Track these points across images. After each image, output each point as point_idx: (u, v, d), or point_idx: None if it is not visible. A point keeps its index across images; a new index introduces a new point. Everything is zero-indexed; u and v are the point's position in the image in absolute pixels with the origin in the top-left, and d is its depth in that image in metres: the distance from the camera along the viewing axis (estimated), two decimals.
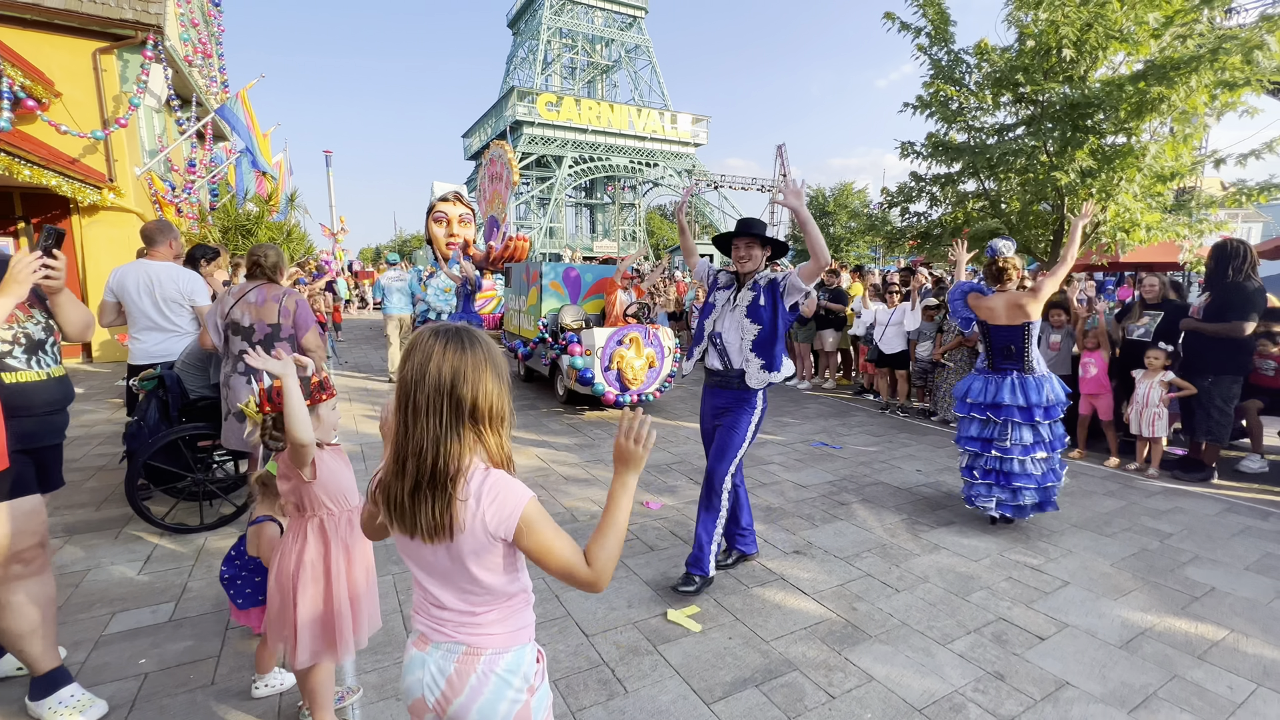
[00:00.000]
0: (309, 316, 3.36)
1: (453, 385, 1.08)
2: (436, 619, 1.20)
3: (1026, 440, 3.71)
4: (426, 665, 1.19)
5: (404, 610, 2.78)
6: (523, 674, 1.20)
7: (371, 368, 9.65)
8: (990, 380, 3.88)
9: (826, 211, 37.68)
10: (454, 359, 1.09)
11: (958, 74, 6.72)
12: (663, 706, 2.19)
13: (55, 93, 8.33)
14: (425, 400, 1.08)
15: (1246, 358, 4.72)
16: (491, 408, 1.13)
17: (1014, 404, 3.73)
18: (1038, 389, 3.72)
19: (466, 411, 1.10)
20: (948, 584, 3.12)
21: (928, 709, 2.20)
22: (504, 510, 1.11)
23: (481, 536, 1.11)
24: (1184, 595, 3.04)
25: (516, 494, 1.13)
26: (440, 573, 1.17)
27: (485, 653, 1.17)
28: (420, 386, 1.08)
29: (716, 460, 3.06)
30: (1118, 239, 6.28)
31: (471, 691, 1.16)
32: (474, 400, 1.10)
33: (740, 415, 3.05)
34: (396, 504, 1.12)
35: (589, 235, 55.15)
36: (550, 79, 49.36)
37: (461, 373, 1.09)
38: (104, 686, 2.21)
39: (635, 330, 6.55)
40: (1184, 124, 5.75)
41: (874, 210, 9.55)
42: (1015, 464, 3.71)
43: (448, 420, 1.09)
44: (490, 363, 1.13)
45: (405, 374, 1.10)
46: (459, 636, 1.18)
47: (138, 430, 3.51)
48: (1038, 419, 3.71)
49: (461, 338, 1.11)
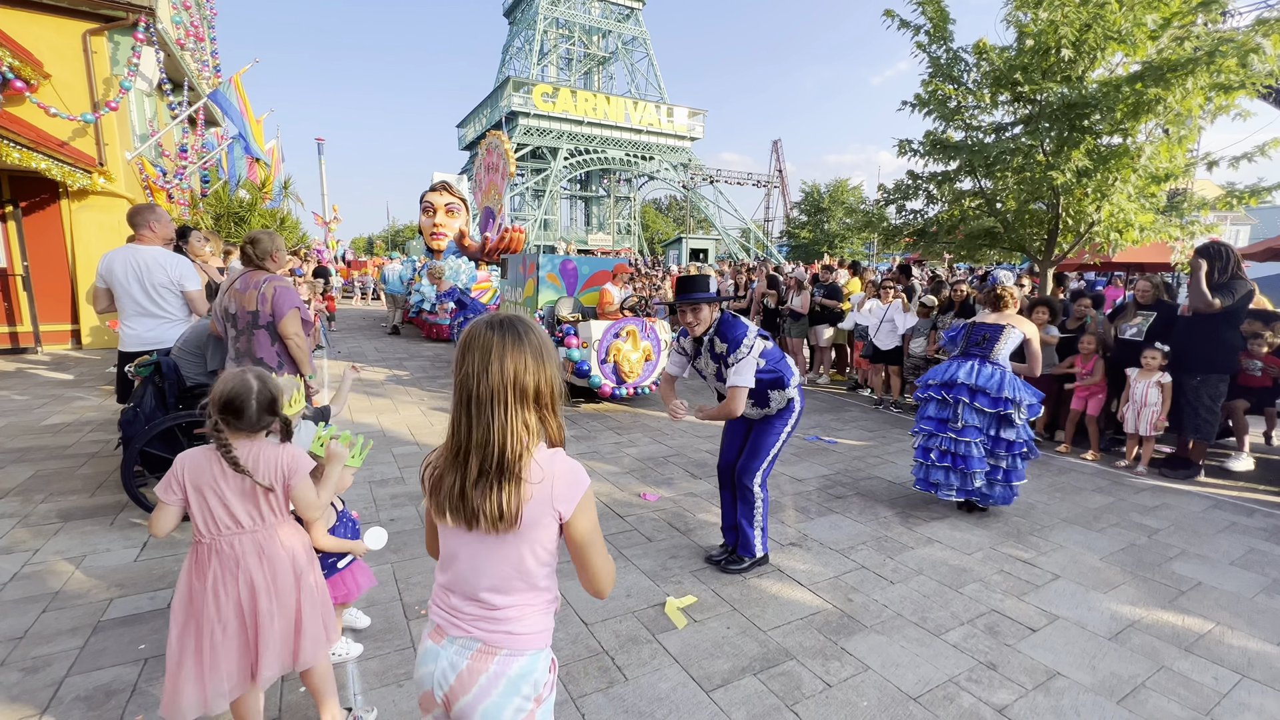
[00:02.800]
0: (287, 301, 3.19)
1: (515, 376, 1.10)
2: (457, 612, 1.19)
3: (973, 422, 3.78)
4: (439, 659, 1.18)
5: (404, 598, 2.79)
6: (534, 681, 1.18)
7: (365, 357, 9.60)
8: (953, 361, 3.99)
9: (822, 208, 37.75)
10: (514, 351, 1.11)
11: (956, 72, 6.74)
12: (662, 693, 2.22)
13: (44, 74, 8.18)
14: (490, 394, 1.10)
15: (1233, 357, 4.81)
16: (552, 392, 1.16)
17: (965, 383, 3.81)
18: (989, 376, 3.78)
19: (531, 400, 1.13)
20: (941, 576, 3.17)
21: (922, 697, 2.24)
22: (573, 487, 1.16)
23: (546, 510, 1.14)
24: (1171, 589, 3.10)
25: (583, 474, 1.19)
26: (482, 558, 1.16)
27: (500, 652, 1.16)
28: (483, 381, 1.10)
29: (749, 458, 3.10)
30: (1110, 239, 6.35)
31: (479, 691, 1.14)
32: (536, 388, 1.13)
33: (776, 419, 3.09)
34: (457, 496, 1.13)
35: (584, 228, 54.96)
36: (546, 70, 48.98)
37: (524, 363, 1.11)
38: (104, 671, 2.21)
39: (632, 323, 6.56)
40: (1179, 126, 5.80)
41: (870, 207, 9.57)
42: (973, 447, 3.77)
43: (513, 410, 1.11)
44: (545, 348, 1.15)
45: (466, 369, 1.11)
46: (476, 632, 1.17)
47: (134, 417, 3.48)
48: (979, 405, 3.76)
49: (516, 328, 1.13)
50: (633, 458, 5.01)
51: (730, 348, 2.83)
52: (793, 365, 3.08)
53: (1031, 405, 3.78)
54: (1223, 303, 4.60)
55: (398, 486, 4.18)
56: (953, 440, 3.83)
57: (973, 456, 3.77)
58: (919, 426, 4.03)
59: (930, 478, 3.95)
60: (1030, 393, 3.80)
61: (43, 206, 8.58)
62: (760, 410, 3.08)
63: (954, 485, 3.85)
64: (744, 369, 2.81)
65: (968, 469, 3.77)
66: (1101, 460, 5.27)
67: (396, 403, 6.54)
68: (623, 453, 5.14)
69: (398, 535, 3.41)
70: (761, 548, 3.17)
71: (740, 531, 3.15)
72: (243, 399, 1.65)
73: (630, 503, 4.04)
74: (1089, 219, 6.31)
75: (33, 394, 6.31)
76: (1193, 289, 4.74)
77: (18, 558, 3.03)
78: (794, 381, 3.04)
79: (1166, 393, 4.84)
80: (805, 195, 39.88)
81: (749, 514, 3.12)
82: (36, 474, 4.15)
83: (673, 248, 38.99)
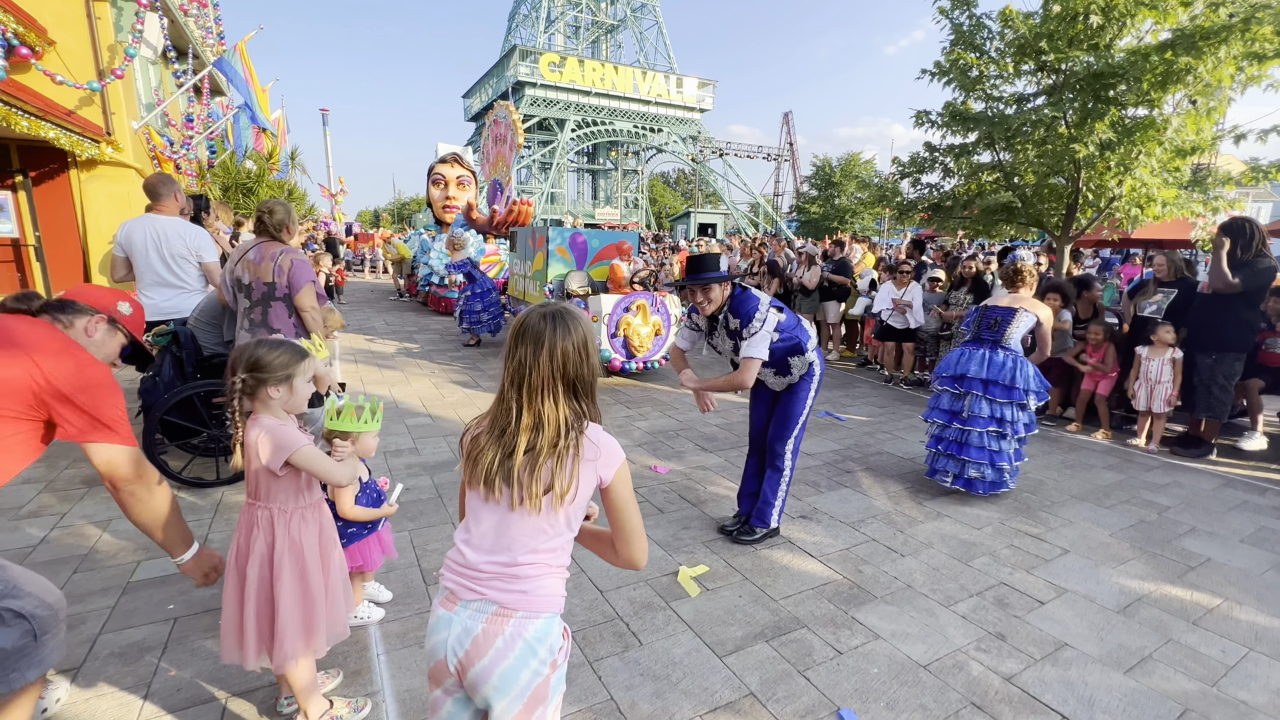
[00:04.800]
0: (303, 275, 3.21)
1: (565, 366, 1.20)
2: (474, 573, 1.19)
3: (984, 413, 3.78)
4: (452, 625, 1.18)
5: (422, 564, 2.85)
6: (549, 645, 1.19)
7: (375, 330, 9.64)
8: (965, 351, 3.96)
9: (833, 182, 37.10)
10: (564, 343, 1.20)
11: (979, 40, 6.53)
12: (677, 658, 2.27)
13: (48, 41, 8.07)
14: (542, 382, 1.19)
15: (1251, 336, 4.75)
16: (593, 379, 1.26)
17: (977, 376, 3.81)
18: (1000, 366, 3.76)
19: (574, 386, 1.23)
20: (950, 550, 3.20)
21: (932, 665, 2.28)
22: (615, 455, 1.25)
23: (591, 479, 1.23)
24: (1180, 565, 3.12)
25: (618, 446, 1.28)
26: (511, 522, 1.20)
27: (516, 614, 1.17)
28: (536, 369, 1.19)
29: (779, 428, 3.12)
30: (1131, 215, 6.21)
31: (496, 654, 1.15)
32: (579, 375, 1.23)
33: (799, 386, 3.10)
34: (498, 470, 1.19)
35: (590, 202, 54.40)
36: (553, 38, 47.95)
37: (573, 355, 1.21)
38: (136, 629, 2.28)
39: (642, 297, 6.53)
40: (1207, 97, 5.62)
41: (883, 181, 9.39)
42: (974, 436, 3.78)
43: (563, 397, 1.21)
44: (590, 340, 1.25)
45: (520, 356, 1.20)
46: (492, 594, 1.18)
47: (153, 386, 3.53)
48: (994, 396, 3.76)
49: (567, 322, 1.22)
50: (643, 431, 5.05)
51: (743, 322, 2.83)
52: (809, 327, 3.07)
53: (1039, 394, 3.78)
54: (1243, 282, 4.53)
55: (412, 457, 4.24)
56: (959, 430, 3.85)
57: (972, 446, 3.78)
58: (931, 416, 4.03)
59: (935, 464, 3.98)
60: (1040, 382, 3.79)
61: (52, 177, 8.55)
62: (784, 379, 3.08)
63: (950, 472, 3.86)
64: (757, 342, 2.81)
65: (967, 458, 3.78)
66: (1112, 439, 5.26)
67: (408, 374, 6.59)
68: (633, 426, 5.17)
69: (413, 504, 3.47)
70: (776, 519, 3.21)
71: (761, 498, 3.19)
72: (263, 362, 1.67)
73: (641, 475, 4.08)
74: (1110, 193, 6.16)
75: None
76: (1213, 267, 4.66)
77: (46, 521, 3.11)
78: (811, 345, 3.05)
79: (1178, 370, 4.80)
80: (816, 169, 39.20)
81: (775, 482, 3.16)
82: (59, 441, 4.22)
83: (681, 222, 38.60)
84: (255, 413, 1.71)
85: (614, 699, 2.06)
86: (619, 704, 2.04)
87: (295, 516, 1.74)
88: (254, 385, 1.66)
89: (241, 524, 1.75)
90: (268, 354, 1.67)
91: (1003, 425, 3.76)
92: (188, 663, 2.13)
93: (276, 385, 1.68)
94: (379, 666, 2.17)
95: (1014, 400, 3.74)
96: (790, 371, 3.05)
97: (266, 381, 1.66)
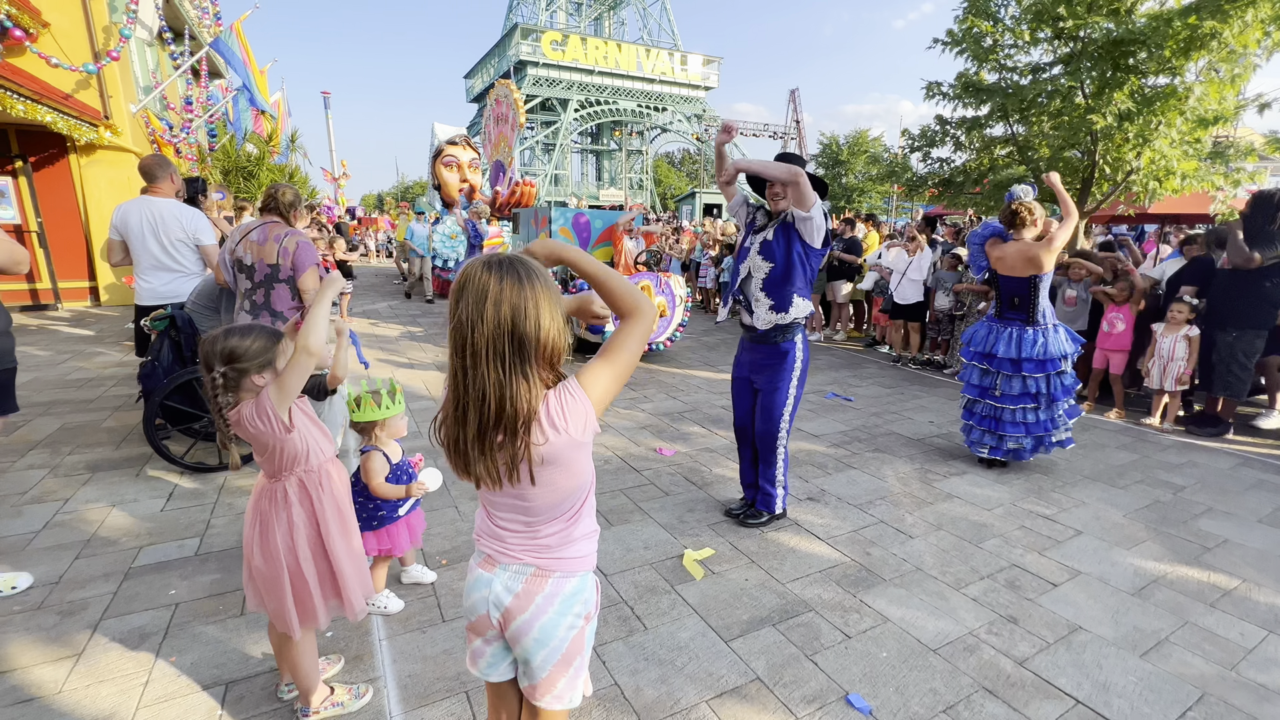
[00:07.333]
0: (308, 257, 3.17)
1: (513, 323, 1.00)
2: (506, 541, 1.21)
3: (1015, 391, 3.81)
4: (493, 584, 1.20)
5: (425, 549, 2.83)
6: (584, 600, 1.23)
7: (379, 315, 9.60)
8: (992, 330, 3.95)
9: (840, 160, 36.48)
10: (512, 294, 1.00)
11: (994, 7, 6.31)
12: (682, 642, 2.24)
13: (43, 22, 7.96)
14: (485, 342, 1.00)
15: (1273, 313, 4.61)
16: (554, 342, 1.05)
17: (1006, 357, 3.80)
18: (1032, 344, 3.75)
19: (531, 350, 1.03)
20: (960, 532, 3.14)
21: (942, 649, 2.24)
22: (580, 414, 1.09)
23: (571, 452, 1.11)
24: (1196, 546, 3.05)
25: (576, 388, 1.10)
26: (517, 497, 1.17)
27: (553, 575, 1.19)
28: (478, 327, 1.00)
29: (764, 422, 3.06)
30: (1149, 188, 6.03)
31: (536, 609, 1.18)
32: (537, 337, 1.02)
33: (777, 376, 3.00)
34: (460, 451, 1.10)
35: (594, 183, 53.85)
36: (555, 16, 47.04)
37: (522, 309, 1.01)
38: (138, 615, 2.27)
39: (646, 278, 6.45)
40: (1231, 64, 5.41)
41: (892, 155, 9.20)
42: (1007, 413, 3.84)
43: (510, 361, 1.01)
44: (549, 292, 1.04)
45: (460, 314, 1.01)
46: (528, 559, 1.19)
47: (152, 370, 3.50)
48: (1025, 373, 3.76)
49: (516, 269, 1.03)
50: (648, 413, 5.00)
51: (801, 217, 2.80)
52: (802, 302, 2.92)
53: (1072, 354, 3.80)
54: (1263, 257, 4.38)
55: (416, 440, 4.21)
56: (993, 406, 3.90)
57: (1020, 423, 3.82)
58: (965, 393, 4.10)
59: (971, 435, 4.05)
60: (1071, 340, 3.82)
61: (52, 162, 8.50)
62: (774, 316, 2.89)
63: (986, 444, 3.95)
64: (818, 216, 2.75)
65: (1005, 433, 3.86)
66: (1126, 417, 5.16)
67: (412, 359, 6.56)
68: (638, 408, 5.12)
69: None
70: (781, 505, 3.16)
71: (760, 489, 3.16)
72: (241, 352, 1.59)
73: (646, 457, 4.04)
74: (1127, 166, 5.99)
75: (55, 349, 6.39)
76: (1231, 243, 4.52)
77: (49, 506, 3.11)
78: (794, 313, 2.89)
79: (1193, 346, 4.69)
80: (823, 147, 38.53)
81: (769, 474, 3.11)
82: (63, 426, 4.23)
83: (686, 203, 38.14)
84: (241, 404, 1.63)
85: (618, 684, 2.03)
86: (623, 689, 2.01)
87: (323, 473, 1.75)
88: (236, 377, 1.58)
89: (265, 509, 1.69)
90: (241, 342, 1.57)
91: (1038, 399, 3.78)
92: (189, 648, 2.11)
93: (260, 373, 1.61)
94: (380, 652, 2.15)
95: (1049, 371, 3.74)
96: (787, 308, 2.86)
97: (248, 371, 1.59)
